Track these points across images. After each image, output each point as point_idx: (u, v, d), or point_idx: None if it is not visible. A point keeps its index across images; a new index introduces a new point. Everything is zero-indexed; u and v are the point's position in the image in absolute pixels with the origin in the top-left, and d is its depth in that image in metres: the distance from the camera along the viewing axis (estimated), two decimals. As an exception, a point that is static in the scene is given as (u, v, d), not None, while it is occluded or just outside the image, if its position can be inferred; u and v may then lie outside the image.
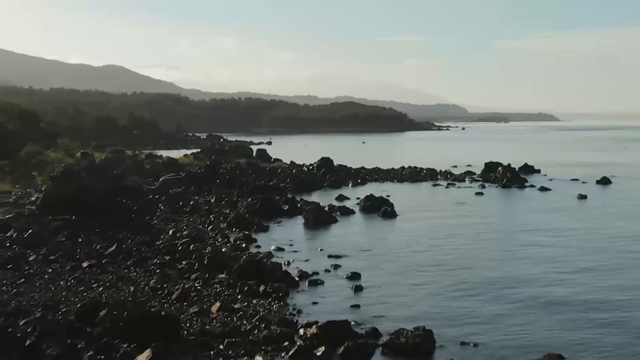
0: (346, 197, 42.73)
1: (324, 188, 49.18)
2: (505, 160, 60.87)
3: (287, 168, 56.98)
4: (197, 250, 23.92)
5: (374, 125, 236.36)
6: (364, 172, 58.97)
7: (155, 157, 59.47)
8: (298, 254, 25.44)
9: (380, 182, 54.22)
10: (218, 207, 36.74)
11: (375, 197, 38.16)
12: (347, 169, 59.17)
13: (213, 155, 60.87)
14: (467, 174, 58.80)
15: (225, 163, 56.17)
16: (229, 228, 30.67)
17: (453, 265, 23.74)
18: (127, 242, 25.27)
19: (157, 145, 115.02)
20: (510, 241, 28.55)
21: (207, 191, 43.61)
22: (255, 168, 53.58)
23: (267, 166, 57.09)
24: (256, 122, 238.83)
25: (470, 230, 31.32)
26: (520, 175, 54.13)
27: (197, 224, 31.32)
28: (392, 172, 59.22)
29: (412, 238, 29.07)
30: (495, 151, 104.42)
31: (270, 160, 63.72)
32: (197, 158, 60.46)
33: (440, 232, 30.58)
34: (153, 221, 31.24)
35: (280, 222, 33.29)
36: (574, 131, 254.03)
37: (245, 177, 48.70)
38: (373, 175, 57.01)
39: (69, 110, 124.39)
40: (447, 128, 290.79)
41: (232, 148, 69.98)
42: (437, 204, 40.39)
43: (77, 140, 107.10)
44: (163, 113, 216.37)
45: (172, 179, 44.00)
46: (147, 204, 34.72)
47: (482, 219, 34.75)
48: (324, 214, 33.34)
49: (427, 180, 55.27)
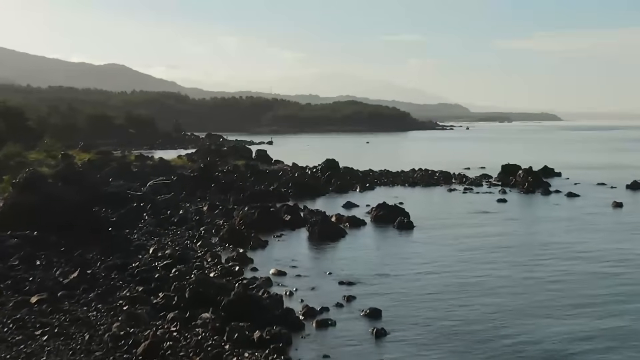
0: (354, 205, 38.34)
1: (329, 193, 44.79)
2: (518, 162, 56.79)
3: (289, 171, 52.61)
4: (179, 276, 19.57)
5: (377, 125, 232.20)
6: (372, 175, 54.54)
7: (145, 158, 54.96)
8: (302, 279, 21.08)
9: (390, 187, 49.82)
10: (211, 217, 32.37)
11: (388, 205, 33.76)
12: (353, 171, 54.77)
13: (208, 156, 56.32)
14: (483, 178, 54.41)
15: (221, 165, 51.82)
16: (222, 244, 26.31)
17: (489, 292, 19.44)
18: (94, 266, 20.90)
19: (154, 144, 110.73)
20: (550, 262, 24.16)
21: (200, 197, 39.28)
22: (254, 171, 49.22)
23: (267, 169, 52.73)
24: (257, 122, 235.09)
25: (499, 245, 26.99)
26: (543, 179, 49.73)
27: (184, 239, 26.95)
28: (402, 175, 54.81)
29: (435, 256, 24.72)
30: (506, 152, 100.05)
31: (270, 162, 59.21)
32: (192, 160, 55.97)
33: (466, 249, 26.21)
34: (133, 236, 26.89)
35: (282, 235, 28.91)
36: (580, 131, 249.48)
37: (242, 182, 44.34)
38: (382, 179, 52.60)
39: (62, 108, 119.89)
40: (451, 127, 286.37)
41: (230, 149, 65.49)
42: (457, 213, 35.97)
43: (70, 139, 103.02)
44: (163, 112, 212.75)
45: (161, 184, 39.62)
46: (129, 214, 30.36)
47: (511, 232, 30.37)
48: (332, 227, 28.94)
49: (440, 184, 50.86)
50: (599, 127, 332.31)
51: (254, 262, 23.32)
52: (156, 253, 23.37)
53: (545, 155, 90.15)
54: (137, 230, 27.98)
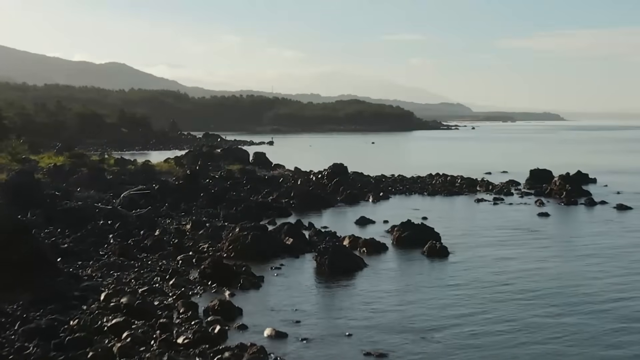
0: (369, 220, 31.87)
1: (337, 205, 38.33)
2: (540, 165, 50.73)
3: (291, 177, 46.10)
4: (126, 353, 13.18)
5: (380, 124, 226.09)
6: (385, 182, 48.02)
7: (127, 162, 48.25)
8: (312, 348, 14.67)
9: (406, 196, 43.39)
10: (194, 239, 25.95)
11: (413, 224, 27.30)
12: (364, 178, 48.36)
13: (199, 160, 49.70)
14: (510, 184, 47.94)
15: (213, 170, 45.41)
16: (203, 281, 19.89)
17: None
18: (10, 329, 14.49)
19: (147, 145, 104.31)
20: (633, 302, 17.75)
21: (184, 211, 32.88)
22: (251, 177, 42.79)
23: (265, 174, 46.29)
24: (258, 121, 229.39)
25: (562, 280, 20.72)
26: (583, 188, 43.30)
27: (153, 275, 20.49)
28: (419, 182, 48.30)
29: (485, 300, 18.38)
30: (522, 154, 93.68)
31: (269, 167, 52.45)
32: (180, 164, 49.34)
33: (524, 288, 19.82)
34: (86, 270, 20.48)
35: (281, 267, 22.45)
36: (587, 131, 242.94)
37: (237, 191, 37.91)
38: (397, 186, 46.09)
39: (49, 105, 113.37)
40: (455, 127, 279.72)
41: (224, 151, 58.61)
42: (495, 233, 29.47)
43: (57, 139, 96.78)
44: (161, 110, 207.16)
45: (139, 195, 33.15)
46: (88, 237, 23.96)
47: (572, 261, 23.92)
48: (346, 256, 22.46)
49: (464, 192, 44.39)
50: (605, 127, 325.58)
51: (242, 315, 16.89)
52: (109, 301, 16.96)
53: (566, 157, 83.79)
54: (94, 262, 21.53)
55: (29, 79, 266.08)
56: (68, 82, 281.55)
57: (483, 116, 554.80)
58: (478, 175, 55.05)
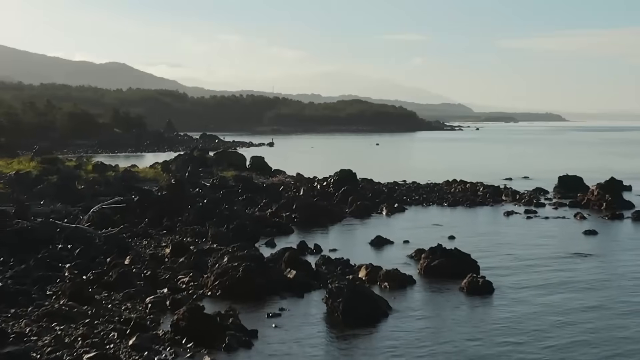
0: (387, 241, 26.65)
1: (347, 219, 33.13)
2: (560, 169, 45.94)
3: (292, 186, 40.87)
4: None
5: (383, 124, 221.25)
6: (399, 190, 42.81)
7: (107, 168, 42.69)
8: None
9: (424, 207, 38.17)
10: (172, 270, 20.78)
11: (444, 249, 22.07)
12: (375, 185, 43.19)
13: (189, 165, 44.22)
14: (538, 193, 42.80)
15: (205, 177, 40.26)
16: (175, 339, 14.72)
17: None
18: None
19: (140, 146, 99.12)
20: None
21: (167, 228, 27.74)
22: (247, 186, 37.63)
23: (264, 182, 41.12)
24: (259, 121, 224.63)
25: None
26: (624, 199, 38.14)
27: (109, 330, 15.28)
28: (437, 190, 43.08)
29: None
30: (537, 157, 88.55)
31: (269, 172, 46.99)
32: (167, 169, 43.91)
33: (599, 341, 14.72)
34: (19, 323, 15.31)
35: (281, 313, 17.25)
36: (594, 132, 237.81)
37: (230, 203, 32.71)
38: (412, 196, 40.83)
39: (39, 105, 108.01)
40: (459, 128, 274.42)
41: (218, 155, 54.06)
42: (541, 258, 24.17)
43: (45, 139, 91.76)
44: (159, 110, 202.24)
45: (113, 209, 27.95)
46: (34, 269, 18.79)
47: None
48: (365, 299, 17.20)
49: (489, 203, 39.16)
50: (610, 127, 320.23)
51: (225, 402, 11.76)
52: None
53: (584, 160, 78.70)
54: (34, 309, 16.34)
55: (28, 79, 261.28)
56: (67, 82, 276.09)
57: (485, 117, 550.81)
58: (497, 181, 50.13)
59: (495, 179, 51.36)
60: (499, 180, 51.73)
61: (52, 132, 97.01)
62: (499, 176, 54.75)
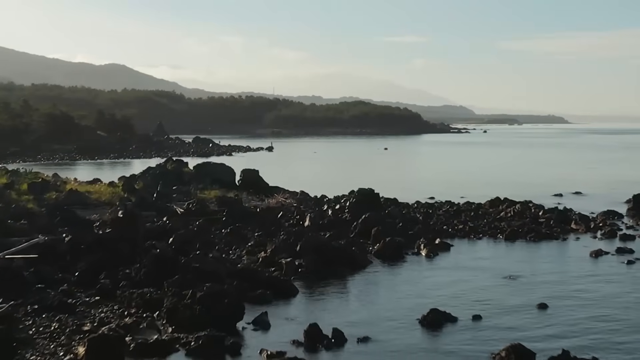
0: (447, 316, 16.69)
1: (372, 265, 23.25)
2: (611, 181, 37.00)
3: (295, 209, 30.87)
4: None
5: (387, 127, 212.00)
6: (434, 215, 32.85)
7: (48, 186, 31.67)
8: None
9: (472, 240, 28.23)
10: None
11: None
12: (403, 209, 33.27)
13: (159, 183, 33.64)
14: (612, 217, 32.98)
15: (180, 198, 30.43)
16: None
17: None
18: None
19: (125, 151, 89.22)
20: None
21: (101, 292, 17.92)
22: (234, 212, 27.78)
23: (257, 205, 31.14)
24: (258, 123, 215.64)
25: None
26: None
27: None
28: (482, 215, 33.11)
29: None
30: (570, 164, 78.65)
31: (264, 191, 36.22)
32: (129, 189, 33.39)
33: None
34: None
35: None
36: (609, 135, 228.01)
37: (207, 244, 22.88)
38: (453, 223, 30.82)
39: (15, 106, 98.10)
40: (465, 130, 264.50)
41: (199, 168, 40.14)
42: None
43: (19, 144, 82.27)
44: (155, 111, 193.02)
45: (22, 260, 18.16)
46: None
47: None
48: None
49: (557, 235, 28.95)
50: (622, 130, 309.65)
51: None
52: None
53: (632, 170, 68.91)
54: None
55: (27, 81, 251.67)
56: (66, 83, 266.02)
57: (487, 119, 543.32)
58: (546, 198, 40.95)
59: (543, 196, 41.93)
60: (547, 197, 42.31)
61: (26, 135, 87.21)
62: (544, 191, 45.31)
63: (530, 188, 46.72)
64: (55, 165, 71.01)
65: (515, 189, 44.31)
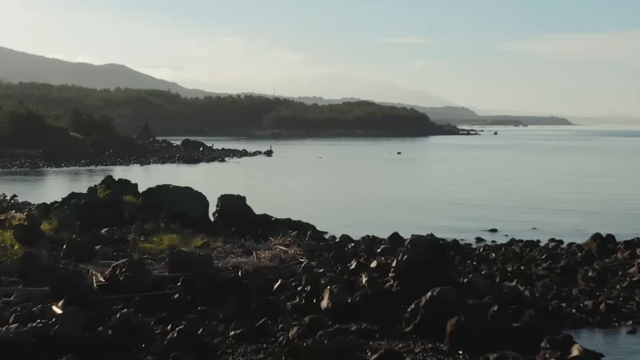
0: None
1: None
2: None
3: (302, 274, 17.58)
4: None
5: (392, 128, 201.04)
6: (532, 273, 20.32)
7: None
8: None
9: (605, 333, 15.73)
10: None
11: None
12: (476, 261, 20.91)
13: (77, 225, 20.13)
14: None
15: (102, 250, 18.10)
16: None
17: None
18: None
19: (100, 156, 76.61)
20: None
21: None
22: (197, 283, 15.47)
23: (239, 265, 17.83)
24: (258, 124, 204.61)
25: None
26: None
27: None
28: (614, 274, 20.51)
29: None
30: (615, 171, 66.35)
31: (251, 231, 22.36)
32: (25, 237, 19.68)
33: None
34: None
35: None
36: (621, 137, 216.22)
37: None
38: (564, 295, 18.27)
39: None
40: (474, 132, 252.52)
41: (148, 195, 24.46)
42: None
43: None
44: (149, 112, 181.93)
45: None
46: None
47: None
48: None
49: None
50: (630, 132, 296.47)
51: None
52: None
53: None
54: None
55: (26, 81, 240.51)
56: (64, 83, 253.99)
57: (490, 120, 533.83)
58: (622, 231, 28.21)
59: (615, 226, 29.34)
60: (626, 230, 29.47)
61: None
62: (616, 222, 32.30)
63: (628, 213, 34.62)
64: (10, 175, 58.92)
65: (609, 216, 32.15)
